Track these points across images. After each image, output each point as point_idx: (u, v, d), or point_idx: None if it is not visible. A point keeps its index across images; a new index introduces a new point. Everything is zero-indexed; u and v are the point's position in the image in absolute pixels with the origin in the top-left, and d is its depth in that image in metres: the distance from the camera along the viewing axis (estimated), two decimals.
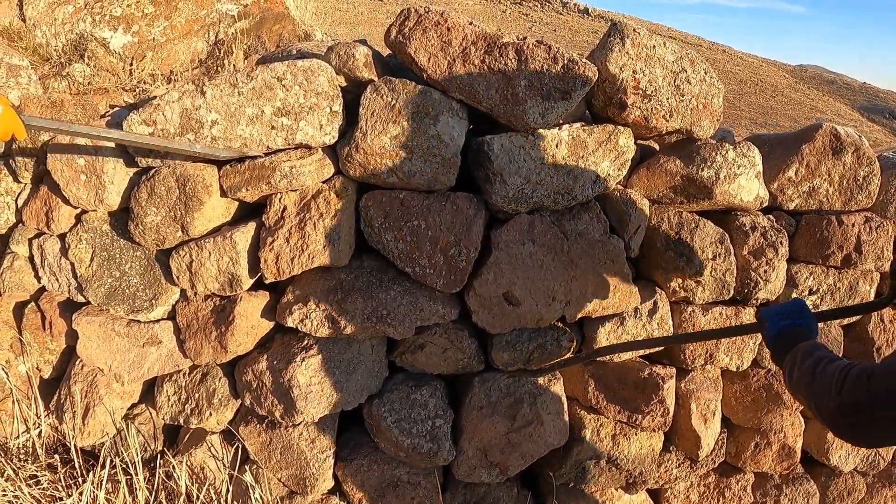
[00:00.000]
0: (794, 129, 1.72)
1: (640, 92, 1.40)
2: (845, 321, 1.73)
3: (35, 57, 2.47)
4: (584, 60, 1.31)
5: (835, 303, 1.69)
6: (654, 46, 1.42)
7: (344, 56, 1.32)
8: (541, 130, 1.36)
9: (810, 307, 1.53)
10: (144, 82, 2.09)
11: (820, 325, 1.70)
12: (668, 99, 1.42)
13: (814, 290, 1.67)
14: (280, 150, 1.37)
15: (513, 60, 1.29)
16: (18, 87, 2.43)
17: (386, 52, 1.46)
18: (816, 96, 4.01)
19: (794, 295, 1.64)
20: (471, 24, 1.34)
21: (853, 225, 1.64)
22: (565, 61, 1.29)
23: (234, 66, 1.90)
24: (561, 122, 1.40)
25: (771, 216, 1.63)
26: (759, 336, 1.63)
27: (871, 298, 1.73)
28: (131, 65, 2.12)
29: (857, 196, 1.66)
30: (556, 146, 1.37)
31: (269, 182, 1.32)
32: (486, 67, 1.28)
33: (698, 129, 1.47)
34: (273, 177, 1.31)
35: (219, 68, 1.91)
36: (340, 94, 1.36)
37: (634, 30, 1.41)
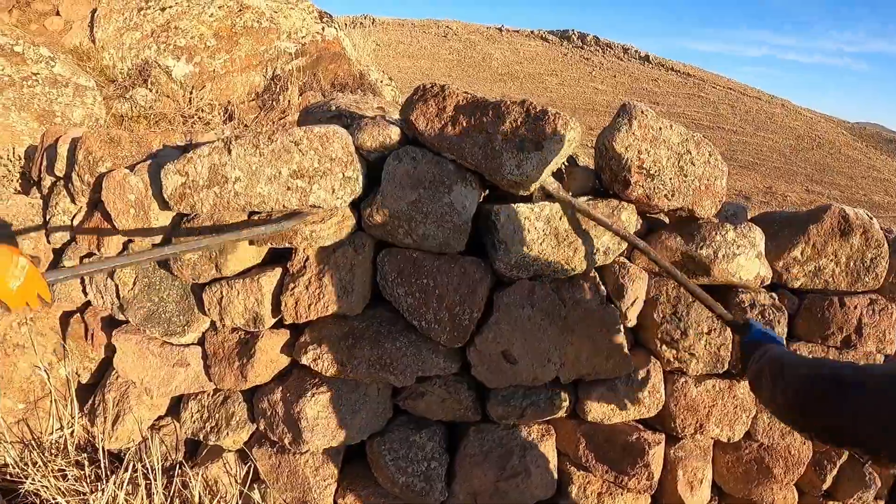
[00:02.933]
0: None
1: (644, 171, 1.54)
2: None
3: (101, 77, 2.77)
4: (555, 112, 1.42)
5: None
6: (660, 129, 1.55)
7: (379, 137, 1.51)
8: (546, 203, 1.51)
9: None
10: (202, 110, 2.34)
11: None
12: (670, 179, 1.55)
13: None
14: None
15: (492, 117, 1.43)
16: (84, 107, 2.73)
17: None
18: (874, 155, 4.02)
19: None
20: (466, 93, 1.50)
21: (855, 307, 1.72)
22: (536, 112, 1.42)
23: (288, 101, 2.12)
24: (570, 192, 1.55)
25: (774, 294, 1.73)
26: (753, 411, 1.73)
27: None
28: (191, 93, 2.37)
29: (863, 277, 1.73)
30: (560, 218, 1.52)
31: (290, 241, 1.52)
32: (472, 127, 1.43)
33: (699, 208, 1.59)
34: (295, 238, 1.50)
35: (274, 103, 2.13)
36: (355, 160, 1.51)
37: (643, 112, 1.55)
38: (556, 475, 1.70)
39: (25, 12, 3.21)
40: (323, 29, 2.37)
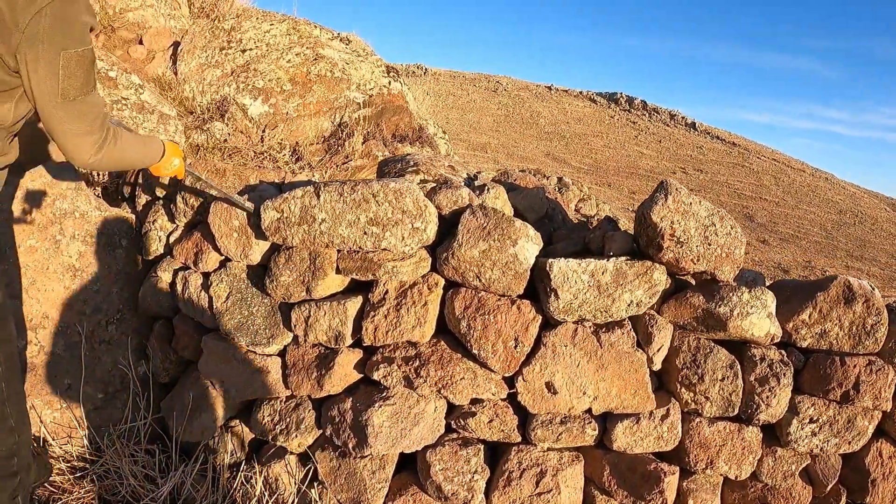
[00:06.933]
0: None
1: (675, 239, 1.93)
2: (842, 450, 2.14)
3: (181, 108, 3.25)
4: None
5: (832, 433, 2.12)
6: (690, 203, 1.96)
7: (454, 197, 1.93)
8: (591, 259, 1.91)
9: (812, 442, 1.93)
10: (273, 148, 2.79)
11: (817, 452, 2.12)
12: (696, 246, 1.95)
13: (814, 419, 2.11)
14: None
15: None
16: (166, 134, 3.20)
17: (487, 139, 2.04)
18: None
19: (794, 422, 2.09)
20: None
21: (854, 366, 2.08)
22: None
23: (352, 147, 2.56)
24: (611, 253, 1.95)
25: (783, 351, 2.10)
26: (759, 453, 2.08)
27: (870, 435, 2.15)
28: (263, 131, 2.82)
29: (864, 341, 2.09)
30: (602, 274, 1.92)
31: (374, 273, 1.92)
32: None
33: (720, 272, 1.98)
34: (378, 270, 1.91)
35: (339, 147, 2.57)
36: (424, 213, 1.90)
37: (677, 189, 1.96)
38: (581, 496, 2.05)
39: (111, 38, 3.73)
40: (389, 83, 2.81)
